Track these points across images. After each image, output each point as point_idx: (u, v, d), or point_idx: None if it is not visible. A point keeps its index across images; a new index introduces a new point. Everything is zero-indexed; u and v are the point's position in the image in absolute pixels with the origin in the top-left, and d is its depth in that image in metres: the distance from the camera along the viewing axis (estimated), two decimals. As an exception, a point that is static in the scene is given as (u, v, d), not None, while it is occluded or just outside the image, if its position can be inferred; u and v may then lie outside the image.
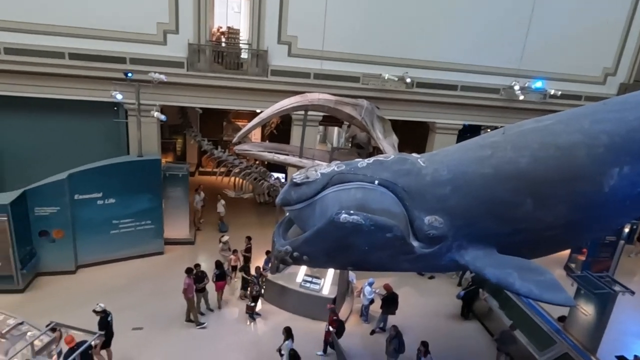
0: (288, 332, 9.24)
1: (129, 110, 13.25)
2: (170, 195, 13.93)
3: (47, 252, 12.17)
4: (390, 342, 9.58)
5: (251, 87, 13.59)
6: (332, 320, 10.03)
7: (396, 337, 9.51)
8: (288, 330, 9.27)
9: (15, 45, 12.14)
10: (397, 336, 9.52)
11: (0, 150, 13.70)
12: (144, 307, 11.32)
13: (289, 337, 9.14)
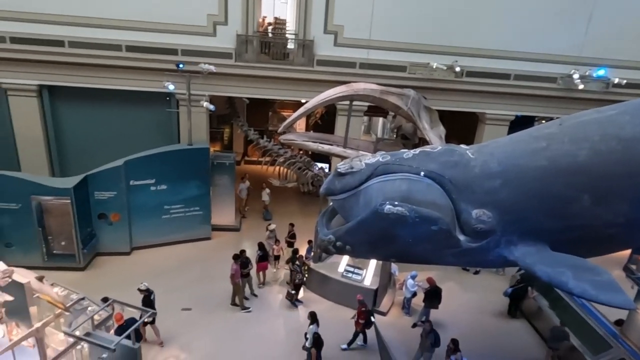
0: (313, 317, 9.43)
1: (180, 101, 13.75)
2: (217, 183, 14.38)
3: (105, 234, 12.97)
4: (427, 337, 9.46)
5: (297, 77, 13.68)
6: (360, 311, 10.03)
7: (432, 332, 9.41)
8: (313, 315, 9.47)
9: (77, 39, 12.89)
10: (433, 331, 9.42)
11: (65, 137, 14.68)
12: (192, 289, 11.83)
13: (314, 321, 9.33)
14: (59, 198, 11.54)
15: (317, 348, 8.95)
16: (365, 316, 9.93)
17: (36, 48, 12.83)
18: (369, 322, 9.96)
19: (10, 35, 12.68)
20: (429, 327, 9.48)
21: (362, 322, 9.90)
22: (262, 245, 12.23)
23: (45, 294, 7.10)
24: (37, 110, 13.78)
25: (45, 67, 13.14)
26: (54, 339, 7.68)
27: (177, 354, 9.73)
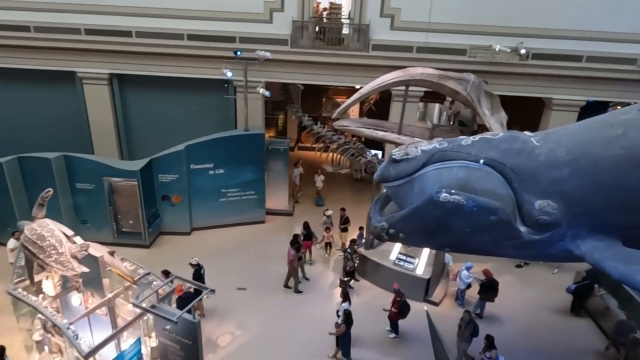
0: (345, 295, 9.73)
1: (237, 87, 14.12)
2: (271, 168, 14.71)
3: (167, 215, 13.76)
4: (465, 327, 9.26)
5: (352, 62, 13.54)
6: (395, 300, 9.95)
7: (470, 322, 9.18)
8: (345, 294, 9.78)
9: (143, 29, 13.58)
10: (472, 321, 9.18)
11: (132, 123, 15.62)
12: (246, 270, 12.28)
13: (346, 299, 9.62)
14: (127, 180, 12.35)
15: (347, 324, 9.10)
16: (400, 306, 9.85)
17: (107, 39, 13.69)
18: (403, 313, 9.91)
19: (84, 27, 13.61)
20: (467, 317, 9.26)
21: (396, 311, 9.87)
22: (307, 225, 12.65)
23: (116, 267, 7.68)
24: (108, 98, 14.76)
25: (115, 56, 14.00)
26: (123, 309, 8.31)
27: (232, 330, 10.20)
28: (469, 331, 9.17)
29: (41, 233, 7.29)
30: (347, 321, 9.09)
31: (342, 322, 9.15)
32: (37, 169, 12.02)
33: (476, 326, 9.17)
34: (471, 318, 9.26)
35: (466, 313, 9.36)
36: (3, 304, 10.24)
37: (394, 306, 9.89)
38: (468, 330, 9.18)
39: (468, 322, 9.19)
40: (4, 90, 15.20)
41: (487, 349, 8.66)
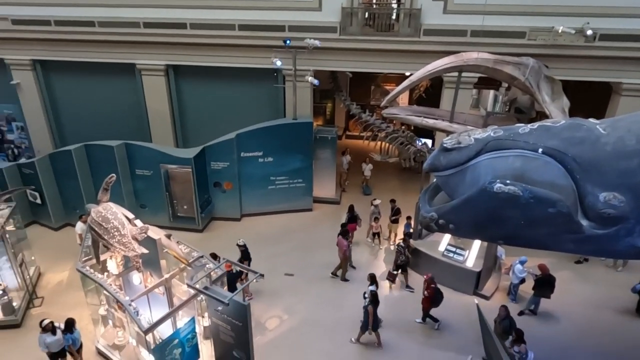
0: (372, 278, 9.73)
1: (286, 76, 14.25)
2: (319, 157, 14.79)
3: (219, 201, 14.26)
4: (500, 323, 8.92)
5: (402, 48, 13.22)
6: (428, 287, 9.80)
7: (507, 317, 8.81)
8: (372, 277, 9.76)
9: (197, 21, 14.01)
10: (508, 317, 8.80)
11: (186, 112, 16.24)
12: (294, 257, 12.51)
13: (373, 282, 9.66)
14: (182, 166, 12.90)
15: (374, 305, 9.24)
16: (433, 294, 9.71)
17: (163, 31, 14.25)
18: (437, 301, 9.78)
19: (143, 20, 14.24)
20: (504, 312, 8.90)
21: (429, 296, 9.75)
22: (351, 208, 12.87)
23: (172, 250, 8.09)
24: (164, 88, 15.42)
25: (170, 48, 14.58)
26: (178, 289, 8.76)
27: (279, 314, 10.47)
28: (502, 327, 8.87)
29: (106, 216, 7.80)
30: (374, 302, 9.28)
31: (368, 303, 9.29)
32: (101, 156, 12.86)
33: (512, 323, 8.80)
34: (507, 314, 8.90)
35: (502, 308, 9.01)
36: (73, 279, 11.19)
37: (427, 292, 9.81)
38: (502, 326, 8.88)
39: (504, 317, 8.90)
40: (72, 83, 16.31)
41: (515, 343, 8.33)
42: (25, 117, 16.77)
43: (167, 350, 7.59)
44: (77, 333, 8.64)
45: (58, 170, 13.30)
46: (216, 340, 8.56)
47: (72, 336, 8.51)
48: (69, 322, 8.51)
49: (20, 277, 10.45)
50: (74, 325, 8.56)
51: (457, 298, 10.88)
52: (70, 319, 8.60)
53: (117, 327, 9.34)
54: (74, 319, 8.65)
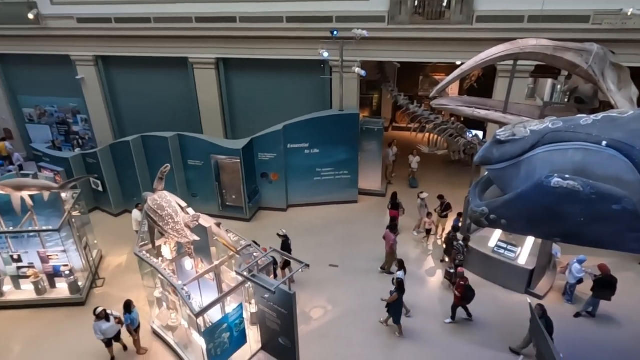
0: (401, 264, 10.01)
1: (333, 67, 14.22)
2: (365, 149, 14.68)
3: (266, 191, 14.56)
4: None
5: (453, 37, 12.78)
6: (458, 284, 9.61)
7: (543, 317, 8.35)
8: (401, 263, 10.04)
9: (246, 14, 14.25)
10: (545, 316, 8.36)
11: (235, 104, 16.65)
12: (338, 248, 12.57)
13: (401, 268, 9.90)
14: (231, 157, 13.28)
15: (400, 292, 9.32)
16: (463, 290, 9.46)
17: (214, 25, 14.63)
18: (467, 298, 9.52)
19: (195, 15, 14.69)
20: (539, 311, 8.42)
21: (459, 295, 9.56)
22: (395, 195, 12.97)
23: (222, 238, 8.38)
24: (214, 81, 15.88)
25: (221, 42, 14.95)
26: (227, 276, 9.08)
27: (324, 305, 10.58)
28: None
29: (161, 203, 8.21)
30: (399, 289, 9.32)
31: (395, 290, 9.30)
32: (156, 146, 13.50)
33: (549, 323, 8.36)
34: (544, 313, 8.45)
35: (538, 307, 8.55)
36: (131, 263, 11.88)
37: (458, 290, 9.60)
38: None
39: (540, 317, 8.43)
40: (130, 77, 17.18)
41: None
42: (89, 109, 17.90)
43: (216, 333, 7.91)
44: (135, 313, 9.14)
45: (117, 159, 14.13)
46: (263, 327, 8.82)
47: (131, 316, 9.01)
48: (127, 303, 9.04)
49: (85, 259, 11.24)
50: (132, 306, 9.09)
51: (506, 296, 10.51)
52: (128, 300, 9.14)
53: (171, 309, 9.84)
54: (131, 301, 9.19)
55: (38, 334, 9.99)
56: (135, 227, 12.59)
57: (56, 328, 10.12)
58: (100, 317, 8.64)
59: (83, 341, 9.48)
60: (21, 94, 18.82)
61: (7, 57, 18.07)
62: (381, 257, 11.94)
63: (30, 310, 10.63)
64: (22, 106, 19.02)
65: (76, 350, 9.46)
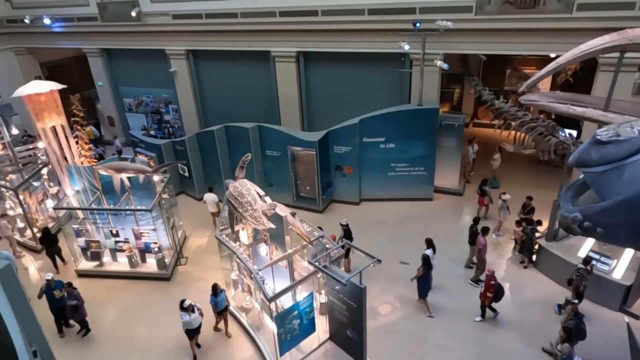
0: (429, 243, 10.31)
1: (414, 60, 13.85)
2: (443, 145, 14.15)
3: (339, 184, 14.65)
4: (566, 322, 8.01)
5: (549, 27, 11.79)
6: (488, 285, 9.30)
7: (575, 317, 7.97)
8: (429, 241, 10.35)
9: (328, 7, 14.35)
10: (577, 316, 7.98)
11: (312, 97, 16.90)
12: (411, 245, 12.25)
13: (430, 246, 10.27)
14: (307, 149, 13.53)
15: (425, 268, 9.77)
16: (496, 290, 9.33)
17: (296, 19, 14.93)
18: (499, 296, 9.44)
19: (279, 9, 15.11)
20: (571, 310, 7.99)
21: (490, 295, 9.35)
22: (485, 181, 12.98)
23: (296, 227, 8.61)
24: (294, 74, 16.24)
25: (302, 35, 15.23)
26: (299, 265, 9.33)
27: (392, 301, 10.45)
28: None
29: (241, 191, 8.62)
30: (426, 264, 9.79)
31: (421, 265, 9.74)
32: (238, 136, 14.18)
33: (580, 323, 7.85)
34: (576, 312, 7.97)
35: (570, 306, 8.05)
36: (211, 245, 12.67)
37: (488, 291, 9.32)
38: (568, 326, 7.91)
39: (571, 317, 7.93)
40: (216, 70, 18.17)
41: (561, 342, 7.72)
42: (179, 100, 19.28)
43: (287, 319, 8.18)
44: (221, 296, 9.37)
45: (202, 147, 15.07)
46: (331, 317, 8.95)
47: (217, 299, 9.29)
48: (214, 286, 9.30)
49: (171, 238, 12.20)
50: (218, 288, 9.33)
51: (598, 312, 9.60)
52: (215, 283, 9.41)
53: (245, 292, 10.35)
54: (217, 284, 9.43)
55: (129, 302, 11.06)
56: (210, 208, 13.48)
57: (144, 298, 11.13)
58: (187, 310, 8.73)
59: (167, 313, 10.33)
60: (122, 85, 20.79)
61: (112, 51, 20.04)
62: (456, 258, 11.53)
63: (124, 280, 11.79)
64: (123, 96, 21.00)
65: (160, 320, 10.33)
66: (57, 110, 12.15)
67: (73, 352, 9.65)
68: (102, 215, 11.91)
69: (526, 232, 11.02)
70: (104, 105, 21.56)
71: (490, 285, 9.30)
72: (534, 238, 11.03)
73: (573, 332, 7.84)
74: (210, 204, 13.45)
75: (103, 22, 18.69)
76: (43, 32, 20.34)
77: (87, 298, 10.31)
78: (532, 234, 10.97)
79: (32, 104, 11.78)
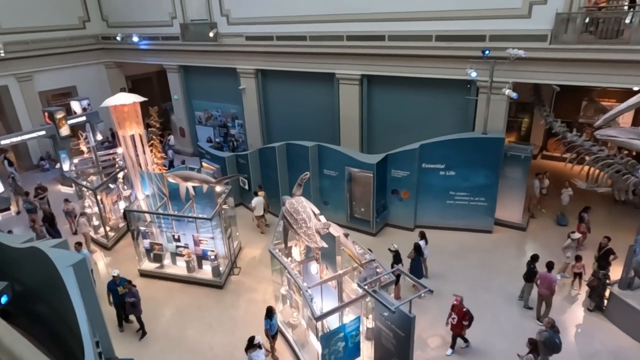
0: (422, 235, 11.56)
1: (480, 88, 13.52)
2: (507, 176, 13.52)
3: (395, 208, 14.47)
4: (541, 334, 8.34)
5: (633, 58, 11.00)
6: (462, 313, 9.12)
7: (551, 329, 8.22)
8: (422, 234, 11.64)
9: (395, 33, 14.51)
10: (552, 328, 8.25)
11: (373, 119, 16.96)
12: (468, 277, 11.79)
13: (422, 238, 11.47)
14: (364, 171, 13.54)
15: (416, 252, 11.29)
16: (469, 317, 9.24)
17: (363, 43, 15.23)
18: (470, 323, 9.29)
19: (346, 34, 15.50)
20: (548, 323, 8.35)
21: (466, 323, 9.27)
22: (586, 208, 12.59)
23: (348, 249, 8.62)
24: (357, 96, 16.45)
25: (367, 59, 15.47)
26: (348, 286, 9.29)
27: (443, 335, 10.00)
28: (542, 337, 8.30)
29: (297, 208, 8.81)
30: (416, 251, 11.23)
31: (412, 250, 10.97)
32: (298, 153, 14.54)
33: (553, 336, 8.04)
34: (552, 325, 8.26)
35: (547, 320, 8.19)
36: (264, 257, 12.99)
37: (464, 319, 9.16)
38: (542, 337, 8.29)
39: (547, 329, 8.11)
40: (282, 89, 18.89)
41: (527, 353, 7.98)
42: (245, 116, 20.21)
43: (332, 340, 8.13)
44: (275, 320, 9.37)
45: (263, 162, 15.61)
46: (377, 344, 8.75)
47: (271, 322, 9.25)
48: (269, 309, 9.29)
49: (227, 248, 12.66)
50: (273, 312, 9.34)
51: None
52: (270, 307, 9.39)
53: (293, 307, 10.44)
54: (273, 307, 9.44)
55: (184, 305, 11.57)
56: (257, 212, 14.29)
57: (198, 303, 11.59)
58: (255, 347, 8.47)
59: (218, 320, 10.68)
60: (195, 99, 22.22)
61: (189, 68, 21.55)
62: (515, 294, 10.87)
63: (181, 284, 12.37)
64: (195, 109, 22.41)
65: (212, 326, 10.70)
66: (137, 121, 13.21)
67: (129, 347, 10.22)
68: (167, 220, 12.65)
69: (598, 277, 10.18)
70: (178, 117, 23.11)
71: (464, 312, 9.10)
72: (606, 284, 10.16)
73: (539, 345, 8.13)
74: (258, 206, 14.27)
75: (184, 42, 20.22)
76: (131, 48, 22.41)
77: (146, 297, 10.94)
78: (603, 278, 10.12)
79: (117, 113, 12.91)
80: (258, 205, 14.35)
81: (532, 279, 10.48)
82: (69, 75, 22.76)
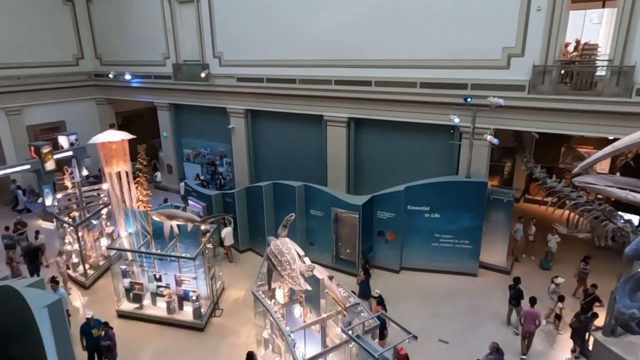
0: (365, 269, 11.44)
1: (463, 133, 13.95)
2: (491, 219, 13.73)
3: (380, 250, 14.44)
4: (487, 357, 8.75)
5: (606, 109, 11.56)
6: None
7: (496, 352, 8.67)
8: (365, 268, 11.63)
9: (381, 79, 15.04)
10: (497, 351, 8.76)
11: (359, 161, 17.22)
12: (453, 322, 11.66)
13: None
14: (350, 212, 13.63)
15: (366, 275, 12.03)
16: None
17: (350, 88, 15.72)
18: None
19: (334, 78, 16.02)
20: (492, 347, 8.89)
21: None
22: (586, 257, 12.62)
23: (333, 292, 8.50)
24: (344, 138, 16.77)
25: (354, 102, 15.91)
26: (332, 330, 9.07)
27: (429, 383, 9.78)
28: None
29: (282, 249, 8.76)
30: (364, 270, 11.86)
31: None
32: (285, 193, 14.59)
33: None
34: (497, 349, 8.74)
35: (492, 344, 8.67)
36: (247, 299, 12.71)
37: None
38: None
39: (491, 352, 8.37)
40: (270, 129, 19.18)
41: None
42: (234, 154, 20.35)
43: (315, 388, 7.86)
44: None
45: (250, 201, 15.59)
46: (361, 392, 8.48)
47: None
48: (250, 355, 9.19)
49: (209, 288, 12.39)
50: (254, 358, 9.21)
51: None
52: (250, 352, 9.31)
53: (275, 353, 10.14)
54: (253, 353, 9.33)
55: (163, 348, 11.14)
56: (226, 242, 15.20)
57: (178, 347, 11.17)
58: None
59: (197, 365, 10.26)
60: (184, 137, 22.39)
61: (180, 106, 21.86)
62: (504, 342, 10.72)
63: (160, 326, 11.97)
64: (183, 147, 22.53)
65: (190, 372, 10.28)
66: (124, 158, 13.21)
67: (102, 394, 9.73)
68: (149, 258, 12.41)
69: (579, 320, 10.16)
70: (166, 154, 23.16)
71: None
72: (590, 328, 10.12)
73: None
74: (228, 236, 15.13)
75: (175, 81, 20.62)
76: (123, 86, 22.75)
77: (124, 339, 10.53)
78: (585, 321, 10.06)
79: (104, 150, 12.92)
80: (227, 236, 15.11)
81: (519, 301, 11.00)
82: (58, 110, 22.82)
